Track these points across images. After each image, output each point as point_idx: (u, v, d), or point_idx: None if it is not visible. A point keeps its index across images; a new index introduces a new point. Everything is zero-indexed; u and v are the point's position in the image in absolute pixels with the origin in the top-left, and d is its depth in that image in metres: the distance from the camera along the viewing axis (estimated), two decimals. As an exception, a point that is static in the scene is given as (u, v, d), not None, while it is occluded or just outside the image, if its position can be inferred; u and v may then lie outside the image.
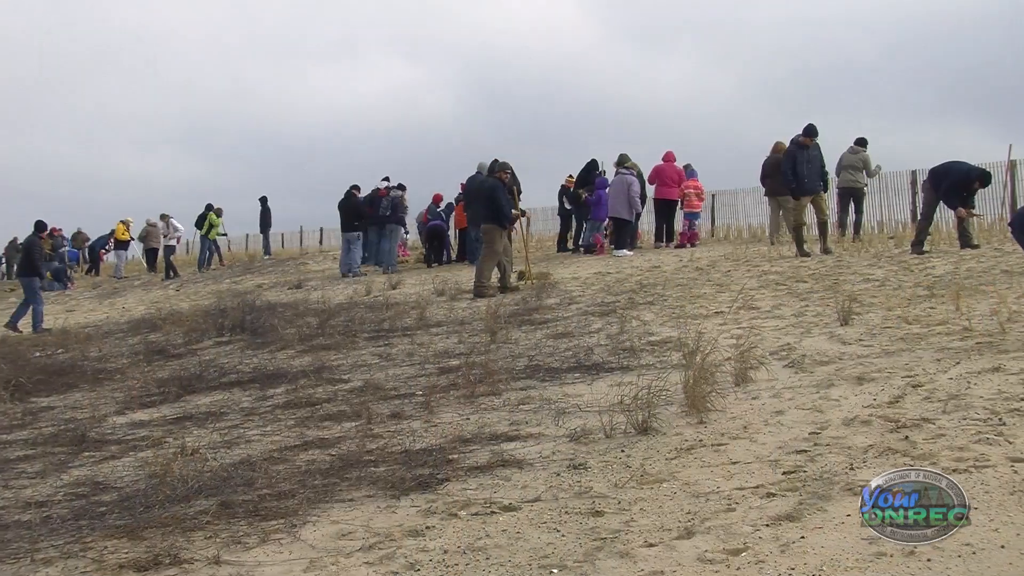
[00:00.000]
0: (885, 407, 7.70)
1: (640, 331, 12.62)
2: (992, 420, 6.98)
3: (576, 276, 19.78)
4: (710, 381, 8.59)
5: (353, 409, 9.71)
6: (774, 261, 18.27)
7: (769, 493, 6.00)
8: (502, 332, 13.37)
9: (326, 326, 15.82)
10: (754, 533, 5.34)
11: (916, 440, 6.72)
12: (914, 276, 14.73)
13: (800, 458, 6.68)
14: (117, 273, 36.57)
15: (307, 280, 25.66)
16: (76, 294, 32.16)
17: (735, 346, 10.43)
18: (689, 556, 5.12)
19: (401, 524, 6.12)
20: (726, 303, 14.10)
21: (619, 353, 11.26)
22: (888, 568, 4.70)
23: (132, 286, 31.90)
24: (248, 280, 28.53)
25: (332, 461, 7.84)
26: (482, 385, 10.09)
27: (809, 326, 11.76)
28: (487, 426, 8.59)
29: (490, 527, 5.92)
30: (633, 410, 7.91)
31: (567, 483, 6.68)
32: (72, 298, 30.68)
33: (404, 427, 8.84)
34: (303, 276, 26.99)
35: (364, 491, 6.92)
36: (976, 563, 4.64)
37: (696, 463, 6.84)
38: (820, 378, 9.01)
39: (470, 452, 7.73)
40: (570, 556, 5.30)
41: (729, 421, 7.90)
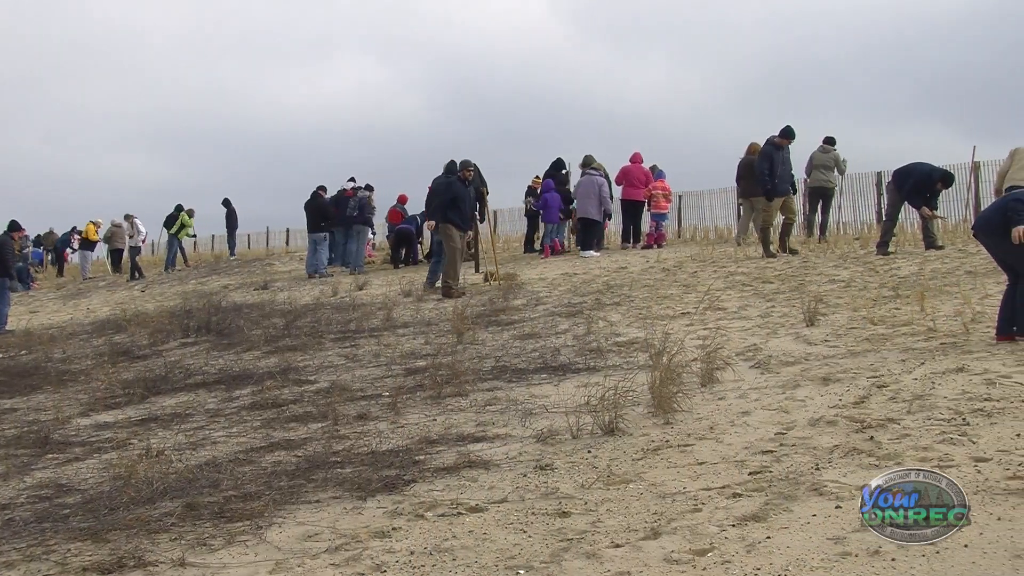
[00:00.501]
0: (851, 407, 7.73)
1: (607, 332, 12.64)
2: (956, 420, 7.02)
3: (543, 277, 19.78)
4: (676, 382, 8.61)
5: (319, 410, 9.68)
6: (740, 262, 18.32)
7: (735, 493, 6.02)
8: (469, 333, 13.36)
9: (292, 327, 15.77)
10: (720, 533, 5.35)
11: (881, 440, 6.76)
12: (879, 277, 14.80)
13: (766, 458, 6.70)
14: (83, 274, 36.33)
15: (273, 281, 25.55)
16: (40, 295, 31.93)
17: (701, 347, 10.46)
18: (655, 556, 5.13)
19: (367, 525, 6.10)
20: (693, 304, 14.13)
21: (586, 354, 11.27)
22: (853, 568, 4.72)
23: (97, 287, 31.70)
24: (214, 281, 28.40)
25: (298, 462, 7.82)
26: (449, 386, 10.08)
27: (775, 327, 11.81)
28: (454, 427, 8.58)
29: (456, 528, 5.91)
30: (600, 411, 7.92)
31: (534, 484, 6.68)
32: (36, 299, 30.47)
33: (370, 428, 8.82)
34: (269, 277, 26.87)
35: (330, 492, 6.90)
36: (940, 562, 4.66)
37: (662, 464, 6.85)
38: (786, 379, 9.04)
39: (436, 453, 7.72)
40: (536, 557, 5.30)
41: (695, 422, 7.92)
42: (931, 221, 17.77)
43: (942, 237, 17.84)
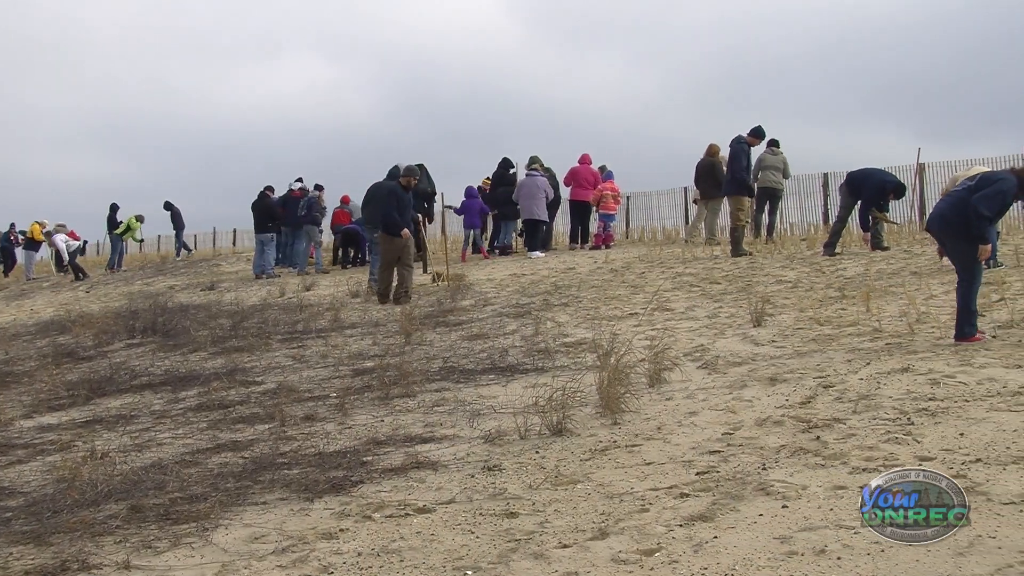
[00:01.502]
0: (797, 407, 7.78)
1: (555, 332, 12.65)
2: (901, 420, 7.08)
3: (491, 278, 19.77)
4: (624, 382, 8.63)
5: (266, 411, 9.63)
6: (688, 263, 18.38)
7: (683, 493, 6.04)
8: (417, 334, 13.33)
9: (239, 328, 15.68)
10: (668, 533, 5.37)
11: (827, 440, 6.80)
12: (826, 278, 14.90)
13: (713, 458, 6.73)
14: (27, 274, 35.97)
15: (220, 282, 25.40)
16: (-17, 296, 31.61)
17: (649, 347, 10.48)
18: (603, 557, 5.13)
19: (315, 527, 6.08)
20: (641, 304, 14.17)
21: (534, 355, 11.28)
22: (800, 567, 4.74)
23: (41, 287, 31.40)
24: (160, 281, 28.20)
25: (245, 464, 7.77)
26: (396, 387, 10.05)
27: (723, 327, 11.86)
28: (401, 428, 8.56)
29: (404, 529, 5.90)
30: (548, 411, 7.93)
31: (481, 484, 6.67)
32: (-21, 300, 30.15)
33: (318, 429, 8.78)
34: (216, 277, 26.71)
35: (277, 494, 6.86)
36: (885, 561, 4.70)
37: (610, 464, 6.87)
38: (733, 379, 9.09)
39: (384, 454, 7.70)
40: (484, 557, 5.29)
41: (643, 422, 7.94)
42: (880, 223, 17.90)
43: (888, 238, 17.97)
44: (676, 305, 13.89)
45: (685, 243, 22.72)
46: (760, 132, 19.86)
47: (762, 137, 19.95)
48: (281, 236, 27.47)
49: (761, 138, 19.96)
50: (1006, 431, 6.55)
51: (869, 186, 17.51)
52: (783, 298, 13.37)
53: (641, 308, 13.88)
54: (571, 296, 15.81)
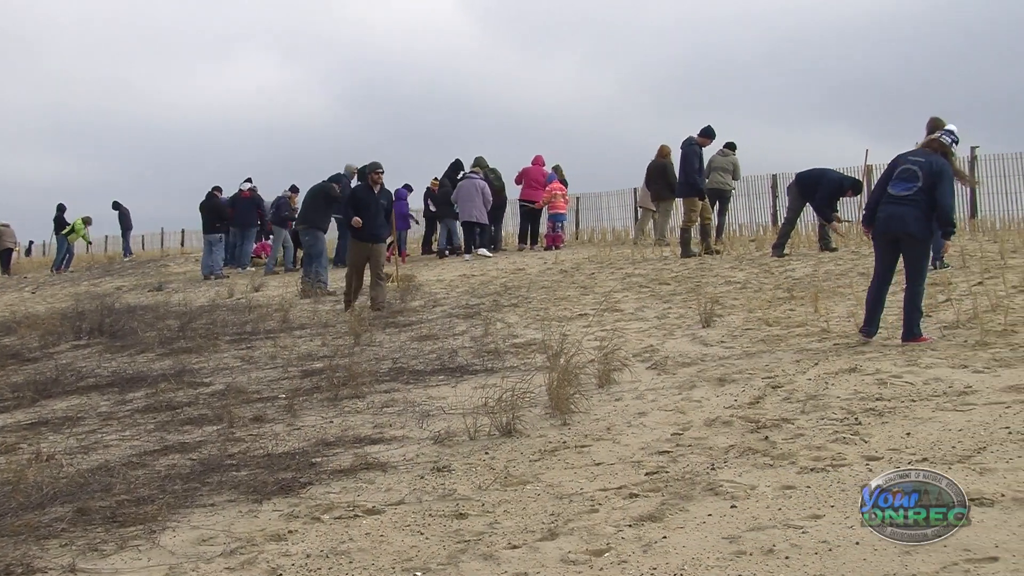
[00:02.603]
0: (746, 408, 7.82)
1: (504, 333, 12.66)
2: (848, 420, 7.13)
3: (441, 279, 19.76)
4: (574, 383, 8.65)
5: (215, 413, 9.57)
6: (638, 264, 18.43)
7: (632, 494, 6.05)
8: (366, 335, 13.30)
9: (187, 329, 15.57)
10: (617, 534, 5.38)
11: (776, 440, 6.84)
12: (774, 279, 14.97)
13: (662, 459, 6.75)
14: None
15: (168, 282, 25.25)
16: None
17: (599, 348, 10.50)
18: (552, 557, 5.14)
19: (263, 529, 6.05)
20: (590, 305, 14.20)
21: (483, 355, 11.28)
22: (748, 566, 4.76)
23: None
24: (107, 282, 27.98)
25: (193, 465, 7.72)
26: (346, 388, 10.02)
27: (672, 328, 11.90)
28: (350, 429, 8.54)
29: (353, 530, 5.88)
30: (497, 412, 7.93)
31: (431, 486, 6.67)
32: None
33: (266, 431, 8.74)
34: (164, 278, 26.56)
35: (226, 496, 6.82)
36: (832, 559, 4.73)
37: (560, 464, 6.88)
38: (682, 380, 9.12)
39: (333, 455, 7.67)
40: (434, 559, 5.29)
41: (593, 423, 7.96)
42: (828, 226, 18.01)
43: (836, 239, 18.08)
44: (625, 306, 13.93)
45: (634, 244, 22.78)
46: (710, 132, 19.89)
47: (712, 137, 19.98)
48: (229, 237, 27.33)
49: (711, 138, 19.98)
50: (952, 431, 6.61)
51: (825, 185, 17.57)
52: (732, 299, 13.44)
53: (591, 309, 13.91)
54: (521, 297, 15.83)
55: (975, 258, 14.58)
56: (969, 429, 6.60)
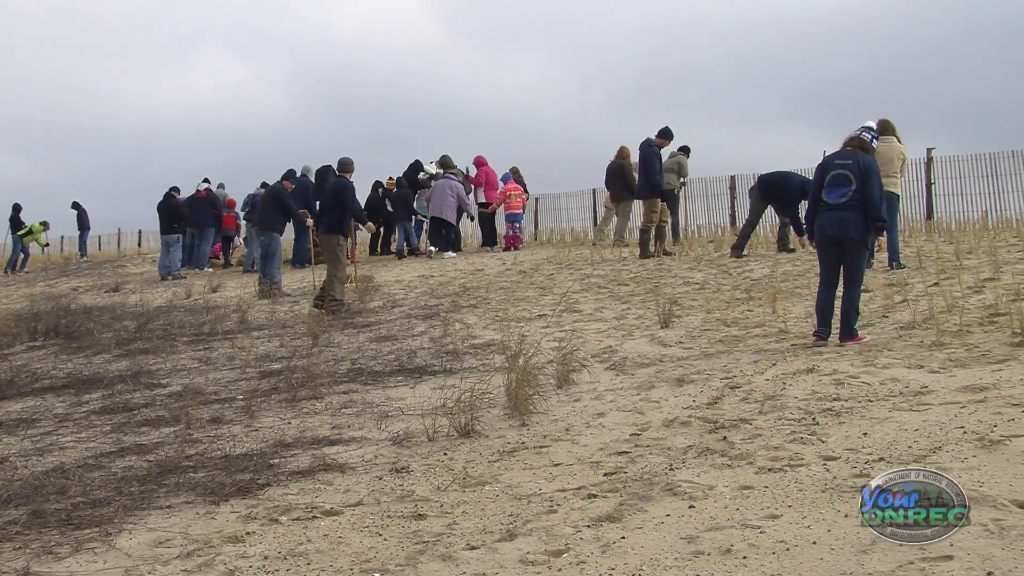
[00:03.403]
0: (704, 408, 7.85)
1: (463, 334, 12.65)
2: (806, 420, 7.16)
3: (399, 279, 19.73)
4: (533, 384, 8.64)
5: (172, 414, 9.51)
6: (597, 264, 18.46)
7: (590, 494, 6.05)
8: (324, 335, 13.27)
9: (144, 330, 15.49)
10: (576, 534, 5.38)
11: (734, 440, 6.86)
12: (733, 279, 15.03)
13: (621, 459, 6.75)
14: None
15: (125, 283, 25.11)
16: None
17: (557, 349, 10.51)
18: (511, 558, 5.13)
19: (221, 530, 6.01)
20: (549, 306, 14.21)
21: (442, 356, 11.27)
22: (706, 566, 4.77)
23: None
24: (63, 283, 27.80)
25: (150, 467, 7.67)
26: (304, 389, 9.99)
27: (630, 329, 11.93)
28: (309, 430, 8.50)
29: (311, 532, 5.86)
30: (456, 413, 7.92)
31: (389, 487, 6.65)
32: None
33: (224, 432, 8.70)
34: (121, 279, 26.40)
35: (183, 497, 6.78)
36: (790, 559, 4.74)
37: (518, 465, 6.87)
38: (641, 380, 9.14)
39: (291, 456, 7.64)
40: (392, 560, 5.27)
41: (551, 423, 7.96)
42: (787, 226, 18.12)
43: (794, 240, 18.16)
44: (584, 307, 13.94)
45: (594, 245, 22.81)
46: (668, 133, 19.96)
47: (671, 138, 20.06)
48: (187, 237, 27.21)
49: (670, 139, 20.06)
50: (908, 430, 6.65)
51: (791, 188, 17.69)
52: (691, 300, 13.48)
53: (549, 310, 13.92)
54: (479, 298, 15.83)
55: (931, 259, 14.69)
56: (925, 429, 6.64)
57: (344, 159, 17.53)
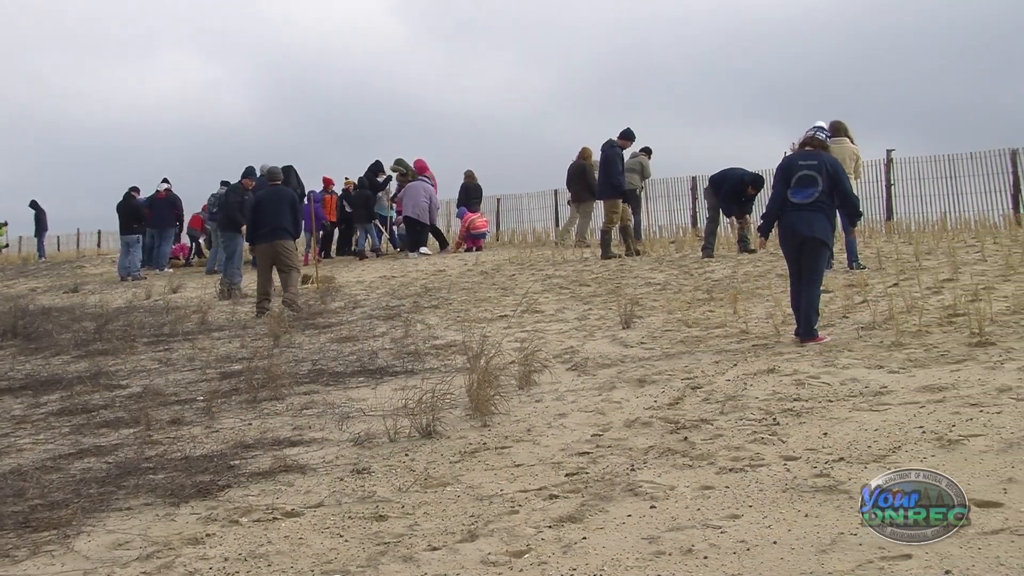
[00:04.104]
0: (665, 409, 7.86)
1: (425, 335, 12.64)
2: (767, 420, 7.19)
3: (361, 280, 19.70)
4: (494, 384, 8.64)
5: (131, 415, 9.45)
6: (558, 265, 18.49)
7: (552, 495, 6.06)
8: (285, 336, 13.22)
9: (104, 331, 15.37)
10: (537, 535, 5.38)
11: (695, 441, 6.88)
12: (694, 280, 15.08)
13: (582, 460, 6.76)
14: None
15: (84, 284, 24.94)
16: None
17: (519, 349, 10.52)
18: (472, 559, 5.12)
19: (180, 532, 5.98)
20: (511, 307, 14.22)
21: (404, 357, 11.25)
22: (667, 566, 4.78)
23: None
24: (21, 284, 27.59)
25: (109, 469, 7.61)
26: (265, 390, 9.95)
27: (592, 329, 11.94)
28: (270, 431, 8.47)
29: (272, 533, 5.83)
30: (417, 414, 7.91)
31: (350, 488, 6.63)
32: None
33: (184, 433, 8.64)
34: (80, 280, 26.22)
35: (142, 499, 6.74)
36: (750, 559, 4.76)
37: (480, 466, 6.87)
38: (602, 381, 9.15)
39: (252, 458, 7.61)
40: (353, 561, 5.26)
41: (513, 424, 7.96)
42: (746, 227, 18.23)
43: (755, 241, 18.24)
44: (546, 307, 13.96)
45: (555, 245, 22.84)
46: (630, 134, 20.03)
47: (632, 139, 20.13)
48: (147, 238, 27.06)
49: (631, 140, 20.13)
50: (867, 430, 6.68)
51: (729, 181, 17.98)
52: (652, 300, 13.51)
53: (511, 310, 13.92)
54: (441, 298, 15.82)
55: (891, 260, 14.78)
56: (884, 429, 6.68)
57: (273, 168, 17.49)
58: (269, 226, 16.09)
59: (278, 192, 16.59)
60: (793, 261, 10.34)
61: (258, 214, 16.28)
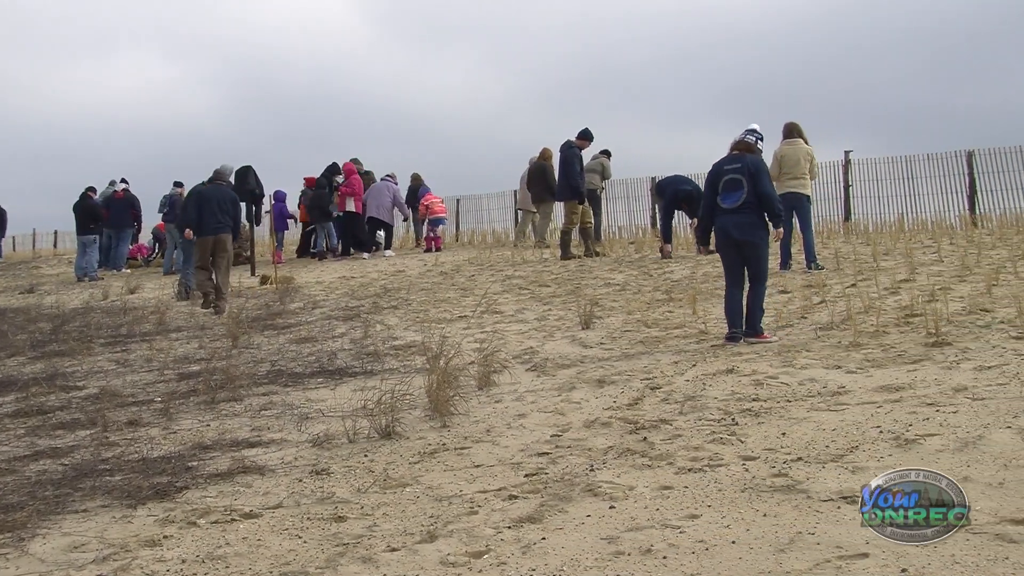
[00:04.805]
0: (625, 409, 7.88)
1: (384, 335, 12.61)
2: (726, 420, 7.21)
3: (320, 280, 19.64)
4: (454, 385, 8.64)
5: (88, 417, 9.38)
6: (518, 266, 18.50)
7: (511, 495, 6.05)
8: (244, 337, 13.16)
9: (60, 331, 15.28)
10: (496, 535, 5.37)
11: (654, 441, 6.89)
12: (653, 281, 15.12)
13: (542, 460, 6.76)
14: None
15: (40, 284, 24.74)
16: None
17: (479, 350, 10.51)
18: (432, 560, 5.11)
19: (137, 534, 5.94)
20: (470, 307, 14.21)
21: (363, 358, 11.22)
22: (626, 566, 4.78)
23: None
24: (-24, 285, 27.38)
25: (65, 471, 7.55)
26: (223, 391, 9.90)
27: (552, 330, 11.95)
28: (228, 432, 8.42)
29: (230, 535, 5.80)
30: (377, 415, 7.89)
31: (309, 489, 6.60)
32: None
33: (142, 434, 8.59)
34: (36, 280, 26.03)
35: (99, 501, 6.69)
36: (709, 559, 4.77)
37: (439, 467, 6.86)
38: (562, 381, 9.15)
39: (210, 459, 7.56)
40: (312, 562, 5.23)
41: (472, 425, 7.95)
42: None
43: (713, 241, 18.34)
44: (505, 308, 13.96)
45: (515, 246, 22.85)
46: (588, 135, 20.06)
47: (590, 139, 20.16)
48: (104, 238, 26.88)
49: (590, 140, 20.16)
50: (825, 430, 6.72)
51: (667, 194, 18.35)
52: (611, 301, 13.54)
53: (471, 311, 13.92)
54: (400, 299, 15.80)
55: (849, 260, 14.89)
56: (842, 428, 6.72)
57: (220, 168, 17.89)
58: (213, 220, 16.80)
59: (222, 190, 17.36)
60: (729, 265, 10.50)
61: (203, 209, 16.87)
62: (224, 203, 17.11)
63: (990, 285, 11.34)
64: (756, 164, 10.39)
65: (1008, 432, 6.23)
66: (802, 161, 14.80)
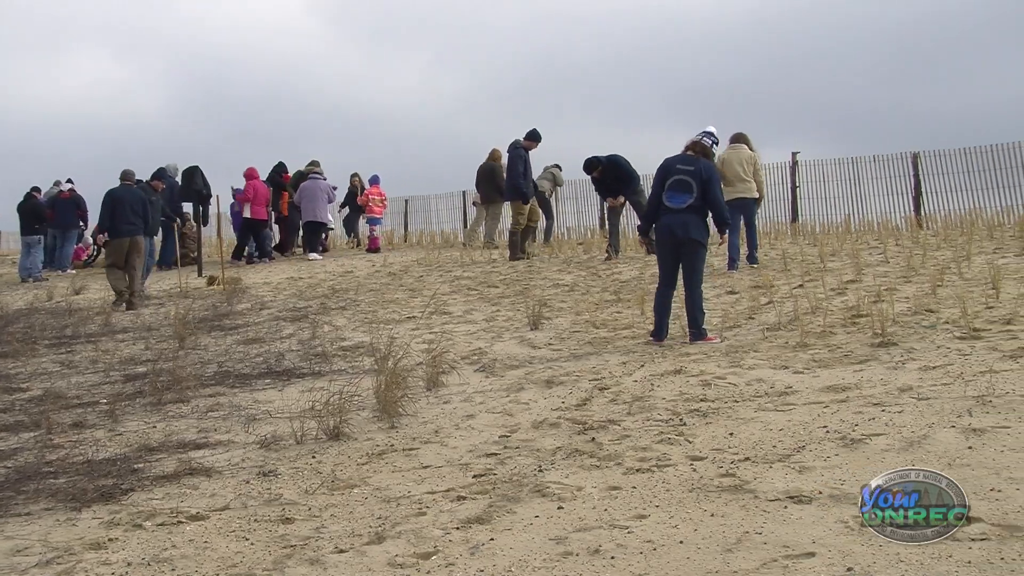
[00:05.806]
0: (573, 409, 7.88)
1: (332, 336, 12.57)
2: (674, 420, 7.23)
3: (268, 281, 19.55)
4: (402, 386, 8.61)
5: (32, 419, 9.29)
6: (467, 266, 18.49)
7: (459, 496, 6.04)
8: (191, 338, 13.08)
9: (3, 333, 15.11)
10: (444, 536, 5.36)
11: (603, 441, 6.90)
12: (602, 281, 15.16)
13: (490, 461, 6.76)
14: None
15: (-16, 285, 24.52)
16: None
17: (427, 351, 10.49)
18: (380, 561, 5.10)
19: (82, 537, 5.89)
20: (418, 308, 14.19)
21: (311, 359, 11.18)
22: (575, 567, 4.78)
23: None
24: (-82, 285, 27.06)
25: (7, 474, 7.47)
26: (170, 392, 9.83)
27: (500, 330, 11.95)
28: (174, 434, 8.37)
29: (176, 537, 5.76)
30: (324, 416, 7.86)
31: (256, 490, 6.57)
32: None
33: (87, 436, 8.52)
34: (-21, 281, 25.80)
35: (42, 504, 6.63)
36: (657, 559, 4.78)
37: (387, 468, 6.84)
38: (510, 382, 9.15)
39: (156, 461, 7.51)
40: (259, 564, 5.21)
41: (421, 426, 7.94)
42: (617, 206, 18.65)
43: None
44: (454, 308, 13.95)
45: (464, 247, 22.84)
46: (536, 135, 20.08)
47: (538, 140, 20.16)
48: (48, 238, 26.66)
49: (537, 141, 20.16)
50: (773, 430, 6.75)
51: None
52: (560, 301, 13.55)
53: (419, 312, 13.89)
54: (349, 300, 15.75)
55: (796, 261, 14.99)
56: (789, 428, 6.75)
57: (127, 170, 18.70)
58: (126, 223, 17.64)
59: (133, 192, 18.22)
60: (664, 263, 10.55)
61: (118, 211, 17.59)
62: (136, 205, 17.84)
63: (935, 286, 11.43)
64: (709, 170, 10.43)
65: (952, 431, 6.27)
66: (745, 163, 14.98)
